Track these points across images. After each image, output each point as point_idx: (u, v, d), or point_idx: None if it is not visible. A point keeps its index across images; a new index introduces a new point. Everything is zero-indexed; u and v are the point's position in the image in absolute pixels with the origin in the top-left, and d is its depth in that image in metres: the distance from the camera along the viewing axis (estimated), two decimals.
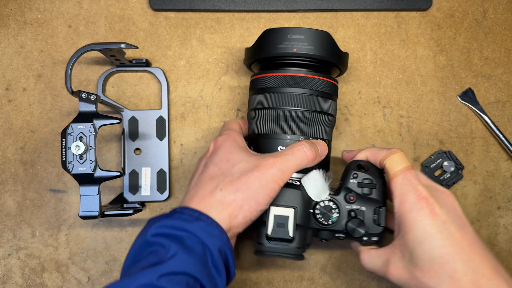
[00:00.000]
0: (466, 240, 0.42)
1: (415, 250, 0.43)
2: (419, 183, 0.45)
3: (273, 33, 0.49)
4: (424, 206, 0.43)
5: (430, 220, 0.43)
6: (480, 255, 0.42)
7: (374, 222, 0.48)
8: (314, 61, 0.49)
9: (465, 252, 0.42)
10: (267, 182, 0.43)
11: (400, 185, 0.45)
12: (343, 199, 0.48)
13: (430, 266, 0.42)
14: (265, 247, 0.46)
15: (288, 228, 0.45)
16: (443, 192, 0.46)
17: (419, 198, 0.44)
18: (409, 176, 0.45)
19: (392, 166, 0.46)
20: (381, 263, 0.47)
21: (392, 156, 0.47)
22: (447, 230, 0.42)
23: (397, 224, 0.46)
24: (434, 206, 0.43)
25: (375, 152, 0.49)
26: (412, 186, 0.45)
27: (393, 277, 0.45)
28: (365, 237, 0.48)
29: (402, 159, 0.47)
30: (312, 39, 0.48)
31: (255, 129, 0.50)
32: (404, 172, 0.46)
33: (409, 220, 0.44)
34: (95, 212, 0.47)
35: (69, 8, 0.60)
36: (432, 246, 0.42)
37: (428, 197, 0.44)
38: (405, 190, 0.45)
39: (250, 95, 0.52)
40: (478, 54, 0.61)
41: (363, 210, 0.48)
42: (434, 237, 0.42)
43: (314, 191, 0.47)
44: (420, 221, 0.43)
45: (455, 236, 0.42)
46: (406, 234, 0.44)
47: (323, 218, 0.47)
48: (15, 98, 0.59)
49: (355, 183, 0.48)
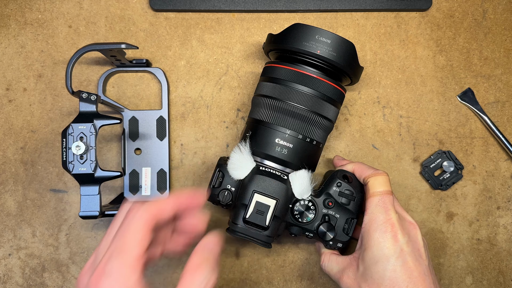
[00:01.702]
0: (418, 271, 0.44)
1: (369, 267, 0.46)
2: (392, 209, 0.47)
3: (302, 29, 0.49)
4: (388, 230, 0.46)
5: (390, 244, 0.45)
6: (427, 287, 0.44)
7: (344, 231, 0.50)
8: (330, 66, 0.50)
9: (413, 281, 0.44)
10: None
11: (374, 205, 0.47)
12: (322, 202, 0.50)
13: (378, 285, 0.45)
14: (239, 228, 0.48)
15: (266, 217, 0.48)
16: (411, 223, 0.48)
17: (386, 221, 0.46)
18: (386, 200, 0.47)
19: (374, 186, 0.48)
20: (337, 269, 0.50)
21: (376, 177, 0.49)
22: (403, 257, 0.44)
23: (361, 239, 0.48)
24: (397, 233, 0.45)
25: (362, 168, 0.51)
26: (385, 209, 0.47)
27: (344, 285, 0.48)
28: (332, 242, 0.51)
29: (385, 182, 0.49)
30: (337, 46, 0.49)
31: (256, 114, 0.51)
32: (382, 194, 0.48)
33: (372, 238, 0.46)
34: (95, 212, 0.47)
35: (69, 8, 0.60)
36: (384, 268, 0.44)
37: (395, 223, 0.46)
38: (377, 211, 0.47)
39: (260, 81, 0.53)
40: (478, 54, 0.61)
41: (337, 217, 0.50)
42: (389, 260, 0.44)
43: (298, 189, 0.49)
44: (381, 243, 0.45)
45: (408, 264, 0.44)
46: (366, 250, 0.46)
47: (299, 216, 0.50)
48: (15, 98, 0.59)
49: (337, 191, 0.51)
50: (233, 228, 0.49)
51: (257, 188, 0.48)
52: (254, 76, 0.60)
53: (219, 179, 0.50)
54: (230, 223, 0.50)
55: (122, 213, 0.40)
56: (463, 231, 0.60)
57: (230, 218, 0.50)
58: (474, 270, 0.59)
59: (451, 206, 0.60)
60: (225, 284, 0.58)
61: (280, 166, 0.50)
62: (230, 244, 0.59)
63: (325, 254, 0.52)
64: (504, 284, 0.59)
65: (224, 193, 0.50)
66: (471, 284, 0.59)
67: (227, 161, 0.50)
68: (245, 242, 0.59)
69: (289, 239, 0.59)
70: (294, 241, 0.59)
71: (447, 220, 0.60)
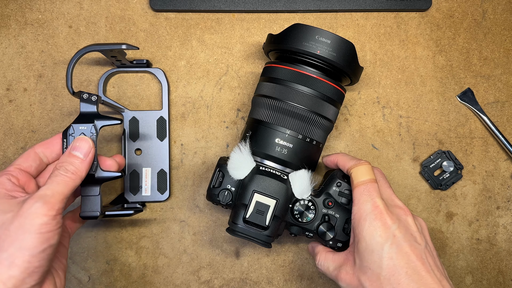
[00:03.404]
0: (415, 255, 0.43)
1: (365, 258, 0.44)
2: (378, 196, 0.46)
3: (302, 29, 0.49)
4: (378, 217, 0.45)
5: (381, 231, 0.44)
6: (427, 270, 0.43)
7: (343, 231, 0.50)
8: (330, 67, 0.50)
9: (411, 266, 0.42)
10: (31, 225, 0.38)
11: (359, 195, 0.47)
12: (321, 202, 0.50)
13: (377, 276, 0.43)
14: (239, 228, 0.48)
15: (266, 217, 0.48)
16: (400, 208, 0.47)
17: (374, 209, 0.45)
18: (370, 188, 0.47)
19: (357, 176, 0.48)
20: (334, 267, 0.48)
21: (359, 167, 0.48)
22: (397, 243, 0.43)
23: (353, 232, 0.47)
24: (386, 219, 0.44)
25: (345, 160, 0.50)
26: (371, 197, 0.46)
27: (343, 282, 0.47)
28: (331, 242, 0.51)
29: (368, 171, 0.48)
30: (337, 46, 0.49)
31: (256, 114, 0.51)
32: (366, 183, 0.47)
33: (363, 229, 0.45)
34: (96, 213, 0.47)
35: (69, 8, 0.60)
36: (380, 256, 0.43)
37: (382, 210, 0.45)
38: (363, 200, 0.46)
39: (260, 81, 0.53)
40: (477, 54, 0.61)
41: (337, 217, 0.50)
42: (383, 247, 0.43)
43: (298, 189, 0.49)
44: (372, 231, 0.44)
45: (404, 249, 0.43)
46: (359, 242, 0.45)
47: (299, 216, 0.50)
48: (16, 98, 0.59)
49: (337, 191, 0.51)
50: (233, 228, 0.49)
51: (257, 188, 0.48)
52: (254, 76, 0.60)
53: (219, 179, 0.50)
54: (230, 223, 0.50)
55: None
56: (462, 231, 0.60)
57: (230, 218, 0.50)
58: (473, 270, 0.60)
59: (450, 206, 0.60)
60: (225, 284, 0.58)
61: (280, 166, 0.50)
62: (230, 244, 0.59)
63: (320, 253, 0.51)
64: (503, 284, 0.60)
65: (224, 193, 0.50)
66: (470, 283, 0.60)
67: (227, 161, 0.50)
68: (245, 242, 0.59)
69: (289, 239, 0.59)
70: (294, 241, 0.59)
71: (447, 220, 0.60)
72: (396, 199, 0.48)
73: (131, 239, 0.58)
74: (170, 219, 0.59)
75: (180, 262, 0.58)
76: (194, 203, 0.59)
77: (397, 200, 0.48)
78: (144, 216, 0.59)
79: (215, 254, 0.59)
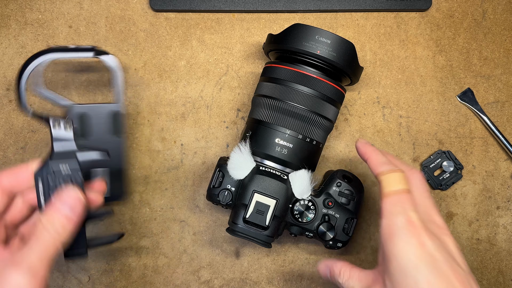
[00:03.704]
0: (459, 281, 0.37)
1: (397, 281, 0.38)
2: (412, 209, 0.40)
3: (302, 29, 0.49)
4: (412, 233, 0.38)
5: (417, 250, 0.38)
6: None
7: (344, 231, 0.50)
8: (330, 67, 0.50)
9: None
10: None
11: (390, 206, 0.40)
12: (321, 202, 0.51)
13: None
14: (239, 228, 0.48)
15: (266, 217, 0.48)
16: (438, 226, 0.40)
17: (407, 223, 0.39)
18: (403, 199, 0.40)
19: (389, 184, 0.41)
20: (361, 287, 0.43)
21: (391, 174, 0.42)
22: (436, 265, 0.37)
23: (382, 249, 0.41)
24: (422, 236, 0.38)
25: (377, 161, 0.44)
26: (404, 209, 0.39)
27: None
28: (331, 242, 0.51)
29: (402, 180, 0.41)
30: (337, 46, 0.49)
31: (256, 114, 0.51)
32: (399, 194, 0.41)
33: (394, 246, 0.38)
34: (82, 250, 0.45)
35: (69, 8, 0.60)
36: (416, 280, 0.37)
37: (418, 225, 0.38)
38: (395, 212, 0.40)
39: (260, 81, 0.53)
40: (478, 54, 0.61)
41: (337, 217, 0.50)
42: (419, 270, 0.37)
43: (298, 189, 0.49)
44: (406, 250, 0.38)
45: (445, 273, 0.37)
46: (390, 261, 0.39)
47: (299, 216, 0.50)
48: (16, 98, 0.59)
49: (337, 191, 0.51)
50: (233, 228, 0.49)
51: (257, 188, 0.48)
52: (254, 76, 0.60)
53: (219, 179, 0.50)
54: (230, 223, 0.50)
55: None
56: (462, 231, 0.60)
57: (230, 218, 0.50)
58: (473, 270, 0.60)
59: (450, 206, 0.60)
60: (225, 284, 0.58)
61: (280, 166, 0.50)
62: (230, 244, 0.59)
63: (345, 270, 0.44)
64: (503, 284, 0.60)
65: (224, 193, 0.50)
66: None
67: (227, 161, 0.50)
68: (245, 242, 0.59)
69: (289, 239, 0.59)
70: (294, 241, 0.59)
71: (447, 220, 0.60)
72: (435, 215, 0.41)
73: (131, 238, 0.58)
74: (170, 219, 0.59)
75: (180, 262, 0.58)
76: (194, 203, 0.59)
77: (435, 216, 0.41)
78: (144, 216, 0.59)
79: (215, 254, 0.59)
